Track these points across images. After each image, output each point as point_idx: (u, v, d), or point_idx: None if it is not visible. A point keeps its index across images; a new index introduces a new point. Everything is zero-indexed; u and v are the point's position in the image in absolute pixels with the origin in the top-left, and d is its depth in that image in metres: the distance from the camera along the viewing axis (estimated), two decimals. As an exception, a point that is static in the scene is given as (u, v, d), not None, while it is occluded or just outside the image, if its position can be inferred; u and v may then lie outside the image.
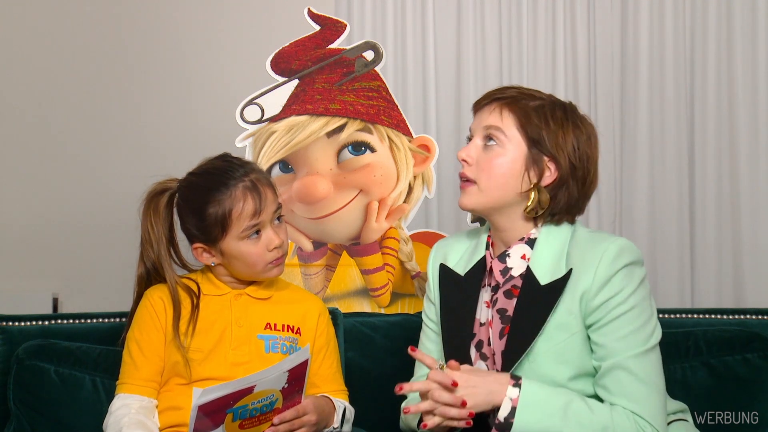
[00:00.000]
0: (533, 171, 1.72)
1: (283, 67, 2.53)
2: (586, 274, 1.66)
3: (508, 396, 1.60)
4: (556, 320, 1.67)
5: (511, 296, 1.75)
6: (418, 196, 2.54)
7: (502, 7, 3.40)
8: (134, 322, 1.87)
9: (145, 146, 3.30)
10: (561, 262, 1.71)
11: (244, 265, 1.84)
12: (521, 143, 1.72)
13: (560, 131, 1.72)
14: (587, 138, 1.75)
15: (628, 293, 1.65)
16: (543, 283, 1.70)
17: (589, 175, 1.75)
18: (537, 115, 1.72)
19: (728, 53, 3.33)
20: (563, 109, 1.75)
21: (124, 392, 1.82)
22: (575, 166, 1.72)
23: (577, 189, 1.74)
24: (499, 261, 1.78)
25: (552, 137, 1.71)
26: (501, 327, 1.74)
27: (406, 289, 2.54)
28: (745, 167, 3.30)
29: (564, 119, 1.73)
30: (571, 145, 1.72)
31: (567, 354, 1.67)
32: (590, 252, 1.68)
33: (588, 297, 1.65)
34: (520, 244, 1.76)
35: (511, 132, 1.73)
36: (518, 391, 1.61)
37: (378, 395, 2.04)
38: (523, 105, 1.73)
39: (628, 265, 1.67)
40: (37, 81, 3.32)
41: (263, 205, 1.80)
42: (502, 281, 1.77)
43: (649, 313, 1.68)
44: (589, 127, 1.77)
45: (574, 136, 1.73)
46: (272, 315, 1.88)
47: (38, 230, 3.30)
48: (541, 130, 1.71)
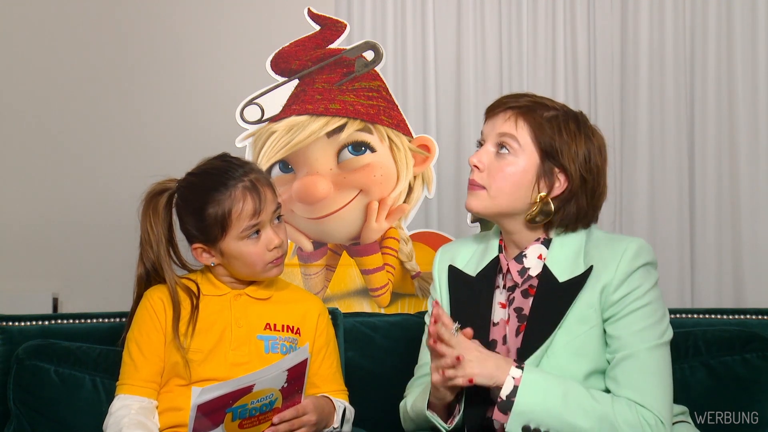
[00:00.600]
0: (543, 182, 1.73)
1: (283, 67, 2.53)
2: (607, 270, 1.69)
3: (511, 375, 1.63)
4: (576, 314, 1.69)
5: (528, 295, 1.77)
6: (418, 196, 2.54)
7: (502, 7, 3.40)
8: (134, 323, 1.87)
9: (145, 146, 3.30)
10: (579, 260, 1.73)
11: (244, 265, 1.84)
12: (534, 153, 1.73)
13: (573, 143, 1.72)
14: (598, 150, 1.76)
15: (645, 289, 1.69)
16: (561, 280, 1.72)
17: (599, 186, 1.76)
18: (551, 126, 1.73)
19: (728, 53, 3.33)
20: (576, 120, 1.76)
21: (123, 393, 1.82)
22: (585, 179, 1.73)
23: (586, 200, 1.75)
24: (516, 262, 1.79)
25: (565, 149, 1.72)
26: (517, 325, 1.76)
27: (406, 289, 2.54)
28: (745, 167, 3.30)
29: (577, 131, 1.74)
30: (583, 157, 1.72)
31: (585, 347, 1.69)
32: (610, 250, 1.71)
33: (608, 291, 1.68)
34: (536, 245, 1.78)
35: (524, 141, 1.73)
36: (521, 372, 1.63)
37: (378, 395, 2.04)
38: (538, 115, 1.73)
39: (646, 264, 1.71)
40: (37, 81, 3.32)
41: (263, 205, 1.80)
42: (520, 281, 1.78)
43: (662, 312, 1.72)
44: (600, 139, 1.78)
45: (586, 148, 1.73)
46: (272, 315, 1.88)
47: (38, 230, 3.30)
48: (554, 142, 1.72)
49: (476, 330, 1.78)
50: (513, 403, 1.61)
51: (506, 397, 1.62)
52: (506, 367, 1.64)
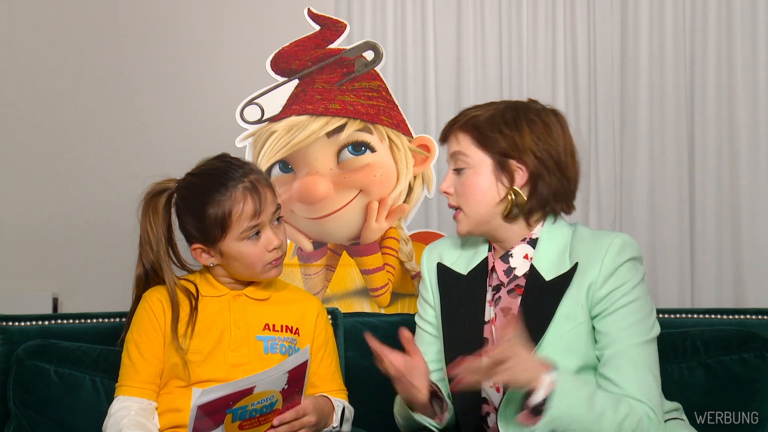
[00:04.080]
0: (505, 177, 1.77)
1: (283, 67, 2.53)
2: (593, 267, 1.70)
3: (545, 381, 1.58)
4: (564, 311, 1.70)
5: (516, 295, 1.78)
6: (418, 196, 2.55)
7: (502, 8, 3.40)
8: (133, 324, 1.87)
9: (145, 146, 3.30)
10: (565, 258, 1.75)
11: (243, 265, 1.84)
12: (483, 157, 1.77)
13: (515, 132, 1.75)
14: (545, 128, 1.77)
15: (632, 285, 1.71)
16: (548, 278, 1.74)
17: (563, 160, 1.77)
18: (489, 127, 1.77)
19: (728, 53, 3.33)
20: (515, 110, 1.79)
21: (123, 394, 1.82)
22: (542, 159, 1.75)
23: (556, 178, 1.76)
24: (502, 261, 1.81)
25: (509, 141, 1.75)
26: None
27: (406, 289, 2.54)
28: (745, 167, 3.30)
29: (516, 119, 1.77)
30: (530, 140, 1.75)
31: (574, 344, 1.70)
32: (595, 246, 1.73)
33: (594, 288, 1.70)
34: (522, 245, 1.80)
35: (471, 151, 1.78)
36: (553, 377, 1.59)
37: (378, 395, 2.04)
38: (474, 121, 1.78)
39: (631, 259, 1.72)
40: (36, 81, 3.32)
41: (263, 207, 1.80)
42: (506, 281, 1.80)
43: (649, 308, 1.73)
44: (547, 117, 1.79)
45: (531, 131, 1.76)
46: (271, 316, 1.88)
47: (38, 230, 3.30)
48: (496, 139, 1.76)
49: (469, 328, 1.79)
50: (546, 409, 1.57)
51: (538, 404, 1.59)
52: (537, 371, 1.59)
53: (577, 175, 1.81)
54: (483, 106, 1.82)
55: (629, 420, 1.62)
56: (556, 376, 1.59)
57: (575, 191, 1.81)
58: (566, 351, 1.69)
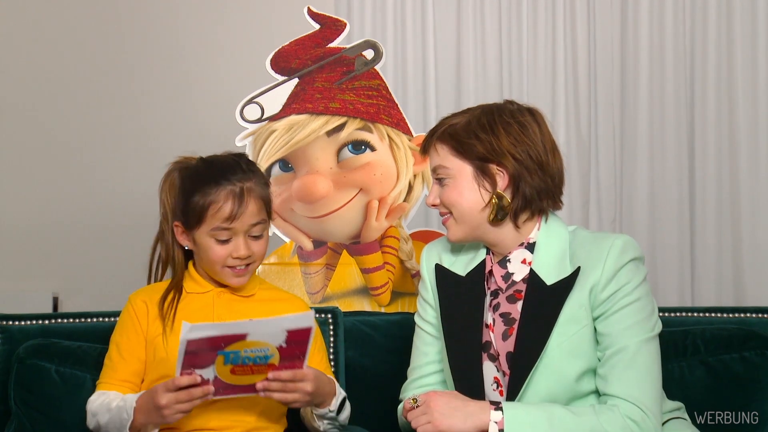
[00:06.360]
0: (486, 182, 1.76)
1: (283, 65, 2.54)
2: (595, 269, 1.70)
3: (493, 420, 1.63)
4: (567, 314, 1.70)
5: (515, 300, 1.77)
6: (418, 194, 2.55)
7: (502, 7, 3.40)
8: (117, 325, 1.91)
9: (144, 146, 3.30)
10: (565, 262, 1.74)
11: (206, 260, 1.86)
12: (463, 165, 1.77)
13: (491, 136, 1.75)
14: (521, 129, 1.76)
15: (634, 285, 1.70)
16: (549, 283, 1.73)
17: (543, 159, 1.76)
18: (465, 133, 1.76)
19: (728, 53, 3.33)
20: (490, 113, 1.78)
21: (101, 390, 1.86)
22: (521, 160, 1.74)
23: (538, 177, 1.75)
24: (500, 266, 1.80)
25: (486, 146, 1.75)
26: (504, 329, 1.76)
27: (406, 287, 2.55)
28: (745, 167, 3.30)
29: (491, 123, 1.76)
30: (507, 143, 1.74)
31: (578, 347, 1.70)
32: (596, 248, 1.72)
33: (597, 290, 1.70)
34: (520, 249, 1.79)
35: (449, 162, 1.78)
36: (501, 413, 1.64)
37: (378, 394, 2.04)
38: (451, 130, 1.78)
39: (633, 260, 1.72)
40: (36, 81, 3.33)
41: (239, 214, 1.81)
42: (504, 286, 1.79)
43: (651, 307, 1.73)
44: (523, 117, 1.78)
45: (506, 133, 1.75)
46: (255, 313, 1.86)
47: (38, 230, 3.30)
48: (473, 146, 1.75)
49: (469, 331, 1.78)
50: None
51: None
52: (482, 414, 1.64)
53: (561, 170, 1.80)
54: (460, 113, 1.82)
55: (608, 427, 1.62)
56: (501, 414, 1.63)
57: (561, 186, 1.80)
58: (570, 354, 1.69)
